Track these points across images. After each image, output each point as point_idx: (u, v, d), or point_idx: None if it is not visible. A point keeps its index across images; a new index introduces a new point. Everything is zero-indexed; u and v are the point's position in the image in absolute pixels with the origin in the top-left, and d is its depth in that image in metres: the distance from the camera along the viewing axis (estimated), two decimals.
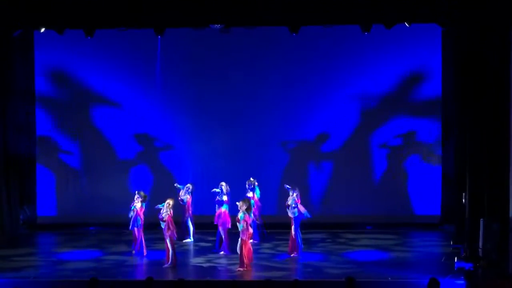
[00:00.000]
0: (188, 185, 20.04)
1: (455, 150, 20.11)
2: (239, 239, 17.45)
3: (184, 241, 19.94)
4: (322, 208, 21.86)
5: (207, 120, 21.80)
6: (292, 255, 18.33)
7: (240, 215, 17.19)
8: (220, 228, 18.86)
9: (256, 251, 18.31)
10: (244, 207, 17.25)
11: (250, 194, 19.33)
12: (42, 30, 19.46)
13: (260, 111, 21.72)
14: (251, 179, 19.68)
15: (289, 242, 18.45)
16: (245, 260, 17.07)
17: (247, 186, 19.57)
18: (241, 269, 17.06)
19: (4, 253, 18.87)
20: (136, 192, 18.92)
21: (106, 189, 21.98)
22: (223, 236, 18.75)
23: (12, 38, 19.77)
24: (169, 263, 17.52)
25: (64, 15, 18.35)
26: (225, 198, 19.06)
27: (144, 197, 18.71)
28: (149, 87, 21.85)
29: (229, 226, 18.85)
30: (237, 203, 17.50)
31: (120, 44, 21.49)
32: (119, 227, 20.53)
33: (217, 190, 19.09)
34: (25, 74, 21.53)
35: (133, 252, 18.74)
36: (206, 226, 20.03)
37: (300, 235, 18.42)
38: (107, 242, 20.29)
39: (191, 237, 20.19)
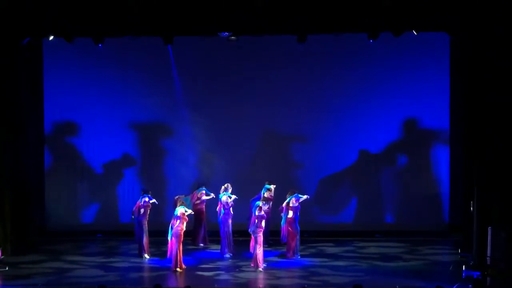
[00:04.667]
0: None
1: (463, 158, 20.05)
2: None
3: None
4: (331, 216, 21.85)
5: (215, 127, 21.85)
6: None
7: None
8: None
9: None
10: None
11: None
12: (51, 38, 19.53)
13: (269, 117, 21.74)
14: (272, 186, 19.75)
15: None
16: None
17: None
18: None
19: (12, 261, 18.90)
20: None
21: (114, 196, 22.01)
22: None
23: (21, 46, 19.85)
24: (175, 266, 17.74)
25: (73, 23, 18.40)
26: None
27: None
28: (160, 95, 21.92)
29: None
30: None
31: (130, 53, 21.59)
32: (125, 234, 20.59)
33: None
34: (32, 82, 21.64)
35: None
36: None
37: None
38: (115, 249, 20.34)
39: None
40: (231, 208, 19.25)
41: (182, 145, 22.08)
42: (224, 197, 19.23)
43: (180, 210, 17.94)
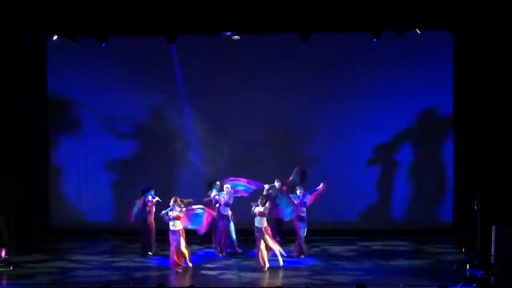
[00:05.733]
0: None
1: (468, 156, 20.02)
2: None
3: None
4: (335, 215, 21.82)
5: (218, 126, 21.86)
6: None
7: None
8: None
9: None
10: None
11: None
12: (55, 37, 19.54)
13: (273, 116, 21.74)
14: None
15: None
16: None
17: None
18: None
19: (16, 260, 18.94)
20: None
21: (118, 195, 22.04)
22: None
23: (25, 45, 19.87)
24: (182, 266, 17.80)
25: (76, 22, 18.40)
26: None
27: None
28: (163, 93, 21.93)
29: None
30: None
31: (134, 52, 21.60)
32: (130, 233, 20.60)
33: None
34: (36, 82, 21.70)
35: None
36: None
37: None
38: (119, 249, 20.36)
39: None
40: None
41: (185, 144, 22.10)
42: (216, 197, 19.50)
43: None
